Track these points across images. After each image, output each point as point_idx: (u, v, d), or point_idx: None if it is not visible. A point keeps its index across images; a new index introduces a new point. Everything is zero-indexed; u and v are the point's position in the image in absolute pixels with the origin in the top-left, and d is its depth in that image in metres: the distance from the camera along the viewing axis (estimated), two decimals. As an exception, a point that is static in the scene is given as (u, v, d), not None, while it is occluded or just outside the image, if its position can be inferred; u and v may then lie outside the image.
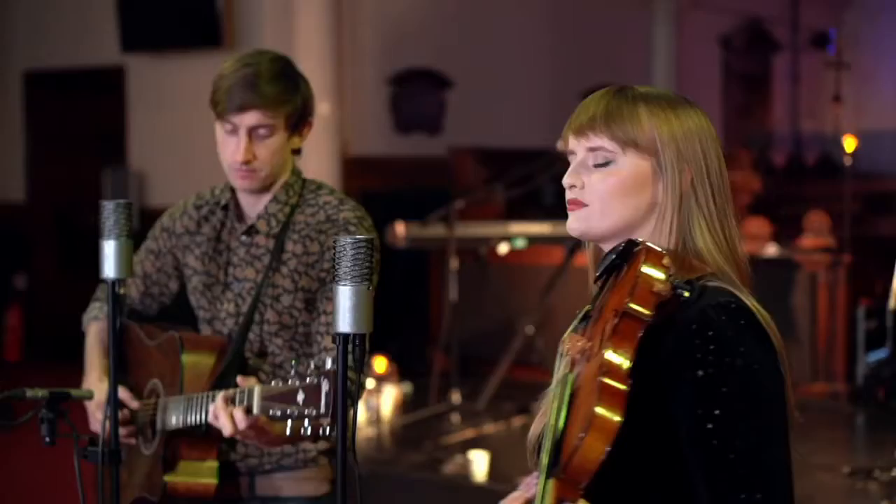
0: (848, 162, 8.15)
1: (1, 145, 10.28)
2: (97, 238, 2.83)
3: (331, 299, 2.52)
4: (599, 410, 1.56)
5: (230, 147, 2.59)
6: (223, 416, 2.34)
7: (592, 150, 1.80)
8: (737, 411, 1.64)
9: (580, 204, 1.81)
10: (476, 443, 6.12)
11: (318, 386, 2.13)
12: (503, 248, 6.97)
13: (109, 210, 2.41)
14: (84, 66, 9.70)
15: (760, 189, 9.05)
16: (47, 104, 10.04)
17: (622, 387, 1.58)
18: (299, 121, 2.65)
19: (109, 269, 2.40)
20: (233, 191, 2.71)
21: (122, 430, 2.64)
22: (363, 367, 1.94)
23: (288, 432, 2.23)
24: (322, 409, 2.10)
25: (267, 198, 2.66)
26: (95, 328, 2.83)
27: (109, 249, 2.40)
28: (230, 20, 8.85)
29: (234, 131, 2.58)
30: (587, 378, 1.63)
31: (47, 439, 2.45)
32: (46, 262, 9.85)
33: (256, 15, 8.91)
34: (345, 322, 1.88)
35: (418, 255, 8.40)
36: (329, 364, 2.13)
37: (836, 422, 7.11)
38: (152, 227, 2.85)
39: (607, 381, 1.57)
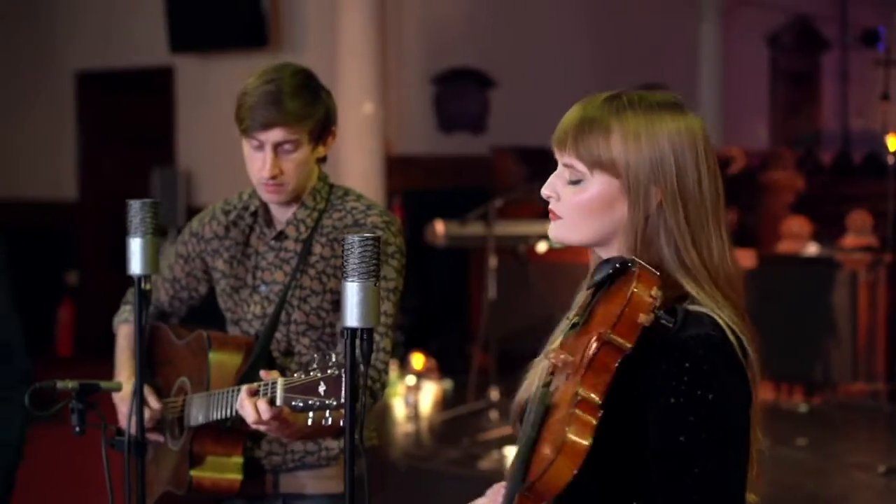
0: (892, 161, 8.10)
1: (54, 145, 10.46)
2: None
3: None
4: (571, 437, 1.64)
5: (257, 163, 2.64)
6: (248, 406, 2.39)
7: (567, 165, 1.83)
8: (699, 441, 1.69)
9: (555, 215, 1.86)
10: (512, 439, 6.15)
11: (339, 377, 2.18)
12: (542, 247, 7.01)
13: (136, 209, 2.48)
14: (134, 66, 9.85)
15: (804, 188, 9.02)
16: (98, 104, 10.20)
17: (592, 419, 1.66)
18: (323, 132, 2.68)
19: (136, 265, 2.46)
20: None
21: (147, 425, 2.73)
22: (370, 361, 1.99)
23: (309, 422, 2.28)
24: (343, 400, 2.12)
25: (296, 203, 2.72)
26: (125, 330, 2.90)
27: (135, 247, 2.46)
28: (276, 21, 8.97)
29: (260, 147, 2.63)
30: (563, 399, 1.70)
31: (77, 429, 2.52)
32: (97, 259, 9.99)
33: (301, 16, 9.01)
34: (352, 317, 1.93)
35: (460, 254, 8.47)
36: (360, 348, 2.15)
37: (875, 421, 7.10)
38: (181, 231, 2.93)
39: (579, 413, 1.66)
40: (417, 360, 6.87)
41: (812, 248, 7.71)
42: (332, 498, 2.73)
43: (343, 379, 2.14)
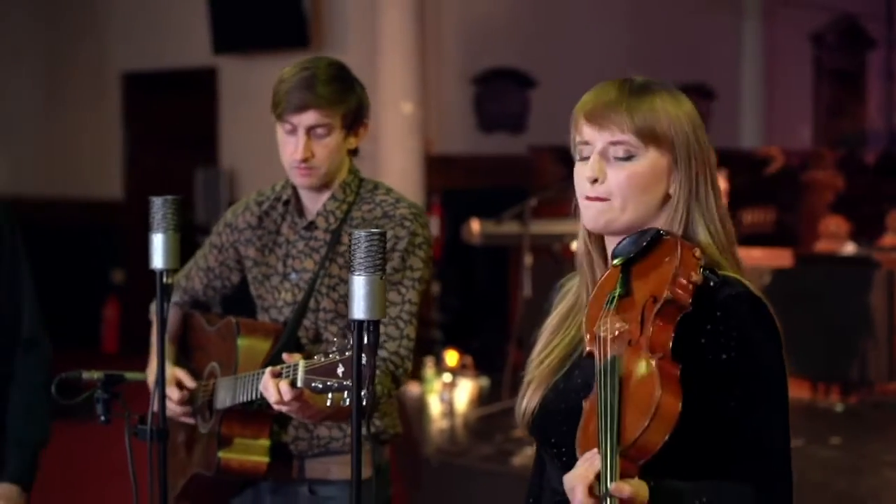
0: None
1: (100, 144, 10.61)
2: (190, 234, 3.01)
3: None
4: (665, 399, 1.67)
5: (290, 147, 2.72)
6: (271, 387, 2.45)
7: (615, 143, 1.85)
8: (754, 391, 1.79)
9: (600, 198, 1.86)
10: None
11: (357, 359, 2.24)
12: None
13: (158, 205, 2.54)
14: (178, 67, 9.98)
15: (843, 187, 8.99)
16: (143, 104, 10.33)
17: (675, 371, 1.71)
18: (354, 121, 2.75)
19: (158, 260, 2.53)
20: (294, 187, 2.83)
21: (179, 409, 2.82)
22: (376, 352, 2.05)
23: (328, 403, 2.34)
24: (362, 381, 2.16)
25: (326, 195, 2.79)
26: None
27: (158, 242, 2.52)
28: (317, 22, 9.06)
29: (293, 131, 2.71)
30: (634, 363, 1.73)
31: (102, 418, 2.60)
32: (142, 257, 10.05)
33: (342, 16, 9.09)
34: (359, 309, 1.99)
35: (500, 253, 8.51)
36: (366, 339, 2.18)
37: (912, 421, 7.08)
38: (216, 223, 3.00)
39: (665, 366, 1.70)
40: (452, 357, 6.93)
41: (849, 248, 7.70)
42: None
43: (363, 359, 2.11)
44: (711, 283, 1.79)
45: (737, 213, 8.31)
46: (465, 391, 6.95)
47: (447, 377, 6.86)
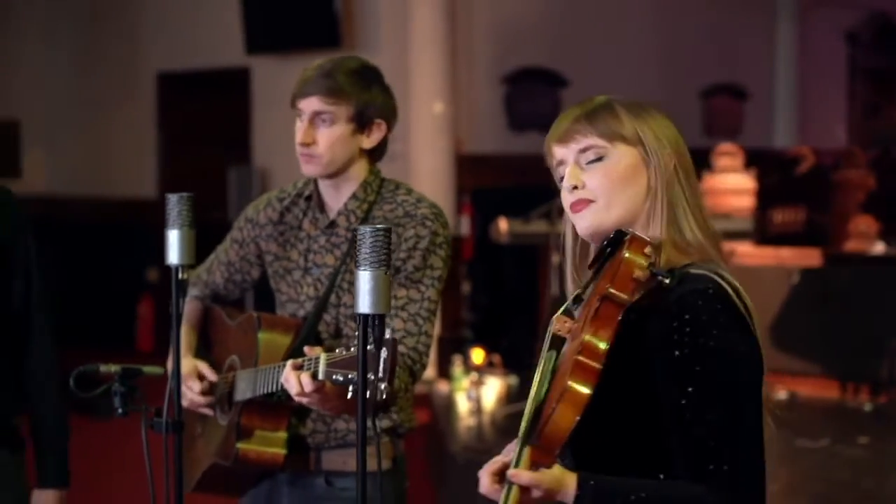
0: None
1: (135, 144, 10.72)
2: (221, 233, 3.05)
3: (403, 286, 2.70)
4: (571, 383, 1.72)
5: (299, 133, 2.76)
6: (292, 379, 2.48)
7: (583, 150, 1.93)
8: (708, 389, 1.78)
9: (586, 202, 1.93)
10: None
11: (377, 353, 2.21)
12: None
13: (173, 202, 2.59)
14: (211, 67, 10.06)
15: (875, 187, 8.96)
16: (178, 104, 10.43)
17: (596, 365, 1.73)
18: (364, 119, 2.77)
19: (173, 256, 2.56)
20: (316, 183, 2.87)
21: (200, 401, 2.86)
22: (381, 346, 2.09)
23: (349, 396, 2.34)
24: (380, 374, 2.17)
25: (347, 193, 2.82)
26: (184, 312, 3.04)
27: (173, 238, 2.56)
28: (349, 22, 9.11)
29: (302, 117, 2.76)
30: (568, 356, 1.79)
31: (119, 411, 2.64)
32: (176, 255, 10.19)
33: (373, 16, 9.14)
34: (364, 304, 2.02)
35: (528, 252, 8.54)
36: (387, 334, 2.20)
37: (940, 422, 7.05)
38: (237, 218, 3.04)
39: (582, 359, 1.74)
40: (478, 355, 6.97)
41: (879, 247, 7.67)
42: (373, 475, 2.82)
43: (381, 355, 2.17)
44: (666, 281, 1.81)
45: (767, 212, 8.30)
46: (492, 389, 6.99)
47: (474, 375, 6.89)
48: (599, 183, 1.92)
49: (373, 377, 2.20)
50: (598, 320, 1.77)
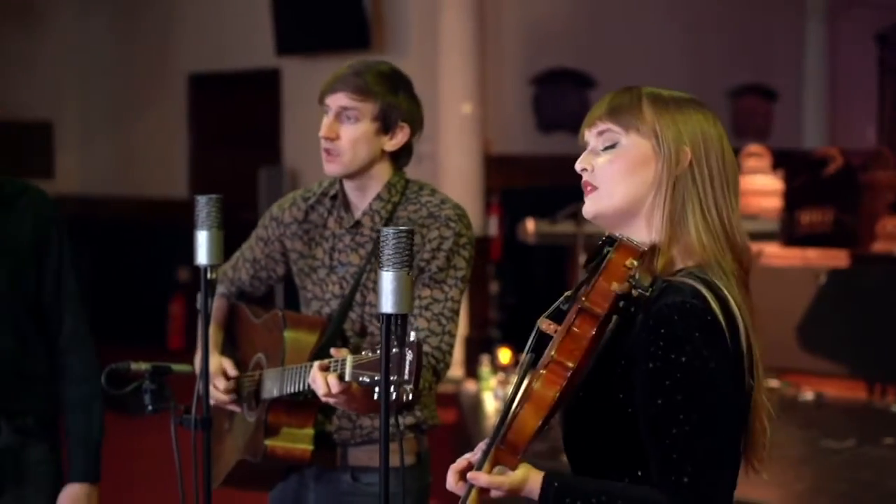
0: None
1: (167, 144, 10.82)
2: (249, 232, 3.11)
3: (426, 286, 2.74)
4: (535, 387, 1.78)
5: (322, 127, 2.80)
6: (319, 380, 2.53)
7: (600, 133, 1.97)
8: (675, 403, 1.80)
9: (591, 187, 1.97)
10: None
11: (403, 355, 2.25)
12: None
13: (202, 204, 2.65)
14: (242, 68, 10.15)
15: (905, 187, 8.93)
16: (209, 105, 10.51)
17: (560, 380, 1.79)
18: (388, 120, 2.80)
19: (202, 256, 2.62)
20: (341, 182, 2.91)
21: (224, 398, 2.91)
22: (406, 348, 2.15)
23: (375, 397, 2.37)
24: (405, 376, 2.22)
25: (372, 194, 2.86)
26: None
27: (202, 239, 2.63)
28: (378, 24, 9.18)
29: (328, 113, 2.81)
30: (540, 364, 1.83)
31: (149, 408, 2.70)
32: (207, 255, 10.27)
33: (403, 18, 9.20)
34: (387, 304, 2.06)
35: (556, 252, 8.58)
36: (412, 336, 2.25)
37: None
38: (262, 216, 3.08)
39: (546, 373, 1.79)
40: (505, 354, 7.01)
41: (908, 249, 7.67)
42: (396, 470, 2.87)
43: (406, 357, 2.23)
44: (646, 294, 1.83)
45: (794, 213, 8.30)
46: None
47: (501, 375, 6.93)
48: (605, 169, 1.95)
49: (398, 379, 2.25)
50: (571, 336, 1.81)
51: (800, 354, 7.31)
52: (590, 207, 1.99)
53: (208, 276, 2.65)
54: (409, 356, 2.23)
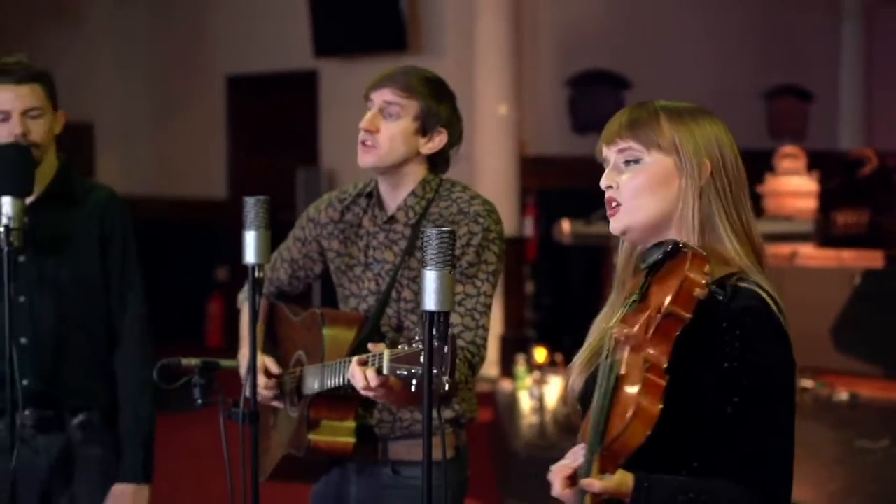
0: None
1: (206, 145, 10.93)
2: (287, 233, 3.19)
3: (459, 281, 2.80)
4: (644, 403, 1.85)
5: (363, 120, 2.88)
6: (358, 374, 2.60)
7: (622, 151, 2.05)
8: (751, 401, 1.92)
9: (616, 203, 2.06)
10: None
11: (441, 348, 2.30)
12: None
13: (251, 205, 2.72)
14: (280, 70, 10.26)
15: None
16: (247, 106, 10.62)
17: (662, 382, 1.87)
18: (427, 122, 2.89)
19: (250, 255, 2.70)
20: (377, 182, 3.00)
21: (267, 393, 3.00)
22: (447, 340, 2.22)
23: (413, 389, 2.45)
24: (442, 368, 2.28)
25: (404, 192, 2.94)
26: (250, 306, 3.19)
27: (250, 239, 2.69)
28: (415, 26, 9.26)
29: (371, 107, 2.89)
30: (631, 367, 1.90)
31: (199, 401, 2.80)
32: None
33: (439, 21, 9.28)
34: (430, 301, 2.15)
35: (592, 252, 8.62)
36: (437, 329, 2.30)
37: None
38: (299, 217, 3.16)
39: (651, 377, 1.87)
40: (540, 353, 7.08)
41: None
42: (437, 464, 2.94)
43: (445, 349, 2.27)
44: (720, 297, 1.93)
45: (830, 214, 8.32)
46: (555, 387, 7.09)
47: (537, 374, 6.99)
48: (630, 186, 2.03)
49: (435, 371, 2.32)
50: (659, 336, 1.90)
51: (834, 355, 7.32)
52: (616, 225, 2.07)
53: (256, 274, 2.73)
54: (444, 349, 2.28)
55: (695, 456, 1.95)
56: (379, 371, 2.57)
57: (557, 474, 1.97)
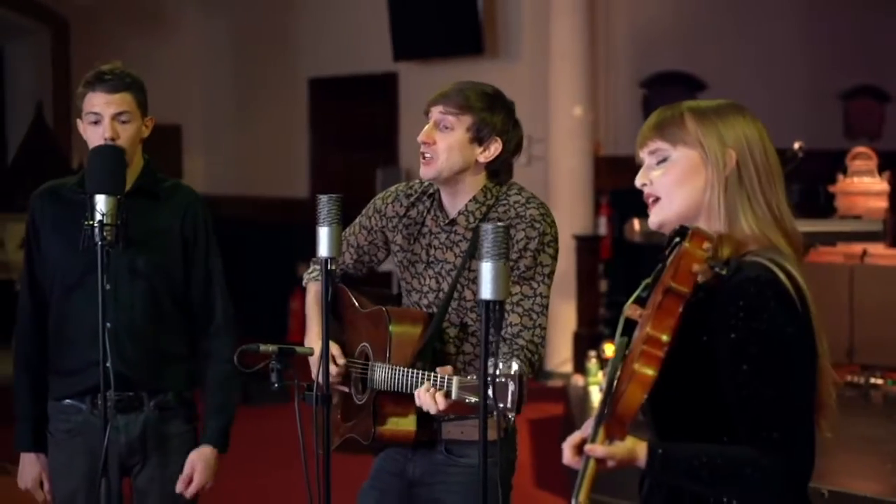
0: None
1: (289, 147, 11.20)
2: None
3: (516, 283, 2.98)
4: (637, 367, 2.00)
5: (421, 134, 3.06)
6: (427, 399, 2.83)
7: (652, 152, 2.23)
8: (761, 367, 2.04)
9: (654, 198, 2.23)
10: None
11: (506, 385, 2.49)
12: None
13: (324, 202, 2.94)
14: (361, 73, 10.50)
15: None
16: (328, 108, 10.87)
17: (660, 353, 2.00)
18: (481, 133, 3.04)
19: (323, 249, 2.92)
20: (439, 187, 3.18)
21: (336, 380, 3.18)
22: (500, 328, 2.40)
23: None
24: (509, 405, 2.46)
25: (463, 199, 3.10)
26: (315, 288, 3.37)
27: (324, 234, 2.91)
28: (491, 30, 9.43)
29: (430, 121, 3.07)
30: (636, 343, 2.06)
31: (275, 385, 3.00)
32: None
33: (515, 24, 9.43)
34: (486, 290, 2.36)
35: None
36: (514, 368, 2.48)
37: None
38: (366, 207, 3.33)
39: (647, 348, 2.01)
40: (610, 349, 7.21)
41: None
42: (491, 444, 3.10)
43: (509, 387, 2.46)
44: (722, 272, 2.06)
45: (902, 214, 8.33)
46: (625, 383, 7.21)
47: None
48: (662, 181, 2.20)
49: (502, 406, 2.48)
50: (661, 312, 2.03)
51: (905, 352, 7.36)
52: (654, 218, 2.24)
53: (328, 267, 2.93)
54: (512, 387, 2.47)
55: (724, 430, 2.09)
56: (447, 395, 2.80)
57: (568, 443, 2.10)
